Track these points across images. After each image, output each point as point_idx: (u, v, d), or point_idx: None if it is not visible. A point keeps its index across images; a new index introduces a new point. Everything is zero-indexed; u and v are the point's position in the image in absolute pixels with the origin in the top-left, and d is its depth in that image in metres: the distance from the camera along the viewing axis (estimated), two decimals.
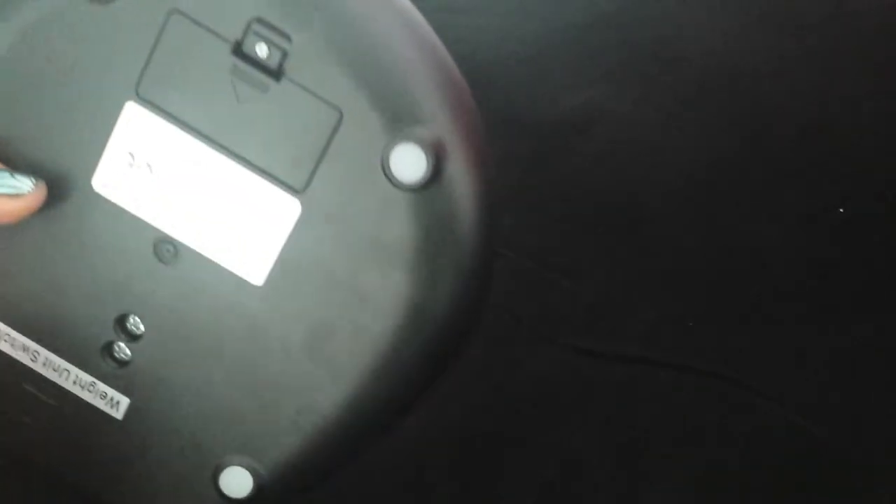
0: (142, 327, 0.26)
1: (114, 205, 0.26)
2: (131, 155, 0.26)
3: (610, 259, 0.45)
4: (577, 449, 0.42)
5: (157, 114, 0.26)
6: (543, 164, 0.46)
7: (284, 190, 0.26)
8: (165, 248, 0.26)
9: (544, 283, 0.45)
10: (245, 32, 0.25)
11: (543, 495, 0.41)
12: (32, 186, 0.25)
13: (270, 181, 0.26)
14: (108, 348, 0.26)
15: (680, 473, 0.41)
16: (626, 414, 0.42)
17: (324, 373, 0.26)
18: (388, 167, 0.25)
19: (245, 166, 0.26)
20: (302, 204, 0.25)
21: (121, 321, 0.26)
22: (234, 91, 0.26)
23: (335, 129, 0.25)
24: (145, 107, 0.26)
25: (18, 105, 0.27)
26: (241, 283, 0.26)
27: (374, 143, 0.25)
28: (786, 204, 0.44)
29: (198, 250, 0.26)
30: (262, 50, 0.25)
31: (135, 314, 0.26)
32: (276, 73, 0.25)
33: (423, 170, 0.24)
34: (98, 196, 0.26)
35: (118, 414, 0.27)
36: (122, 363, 0.26)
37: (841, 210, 0.44)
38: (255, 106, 0.25)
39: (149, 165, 0.26)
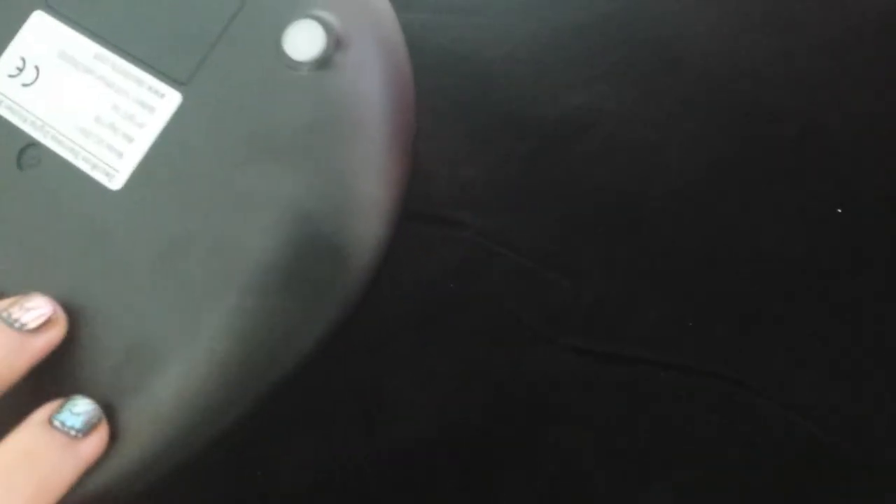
0: None
1: None
2: (22, 60, 0.25)
3: (610, 259, 0.45)
4: (577, 449, 0.42)
5: (62, 20, 0.25)
6: (543, 163, 0.46)
7: (165, 82, 0.24)
8: (30, 156, 0.24)
9: (544, 283, 0.45)
10: None
11: (543, 496, 0.41)
12: None
13: (153, 74, 0.24)
14: None
15: (680, 473, 0.41)
16: (625, 414, 0.42)
17: (165, 300, 0.22)
18: (283, 45, 0.23)
19: (133, 62, 0.24)
20: (184, 95, 0.24)
21: None
22: None
23: (233, 17, 0.24)
24: (51, 14, 0.25)
25: None
26: (96, 190, 0.23)
27: (272, 27, 0.23)
28: (786, 204, 0.44)
29: (62, 155, 0.24)
30: None
31: None
32: None
33: (320, 47, 0.23)
34: None
35: None
36: None
37: (839, 210, 0.44)
38: (158, 5, 0.25)
39: (36, 68, 0.25)
